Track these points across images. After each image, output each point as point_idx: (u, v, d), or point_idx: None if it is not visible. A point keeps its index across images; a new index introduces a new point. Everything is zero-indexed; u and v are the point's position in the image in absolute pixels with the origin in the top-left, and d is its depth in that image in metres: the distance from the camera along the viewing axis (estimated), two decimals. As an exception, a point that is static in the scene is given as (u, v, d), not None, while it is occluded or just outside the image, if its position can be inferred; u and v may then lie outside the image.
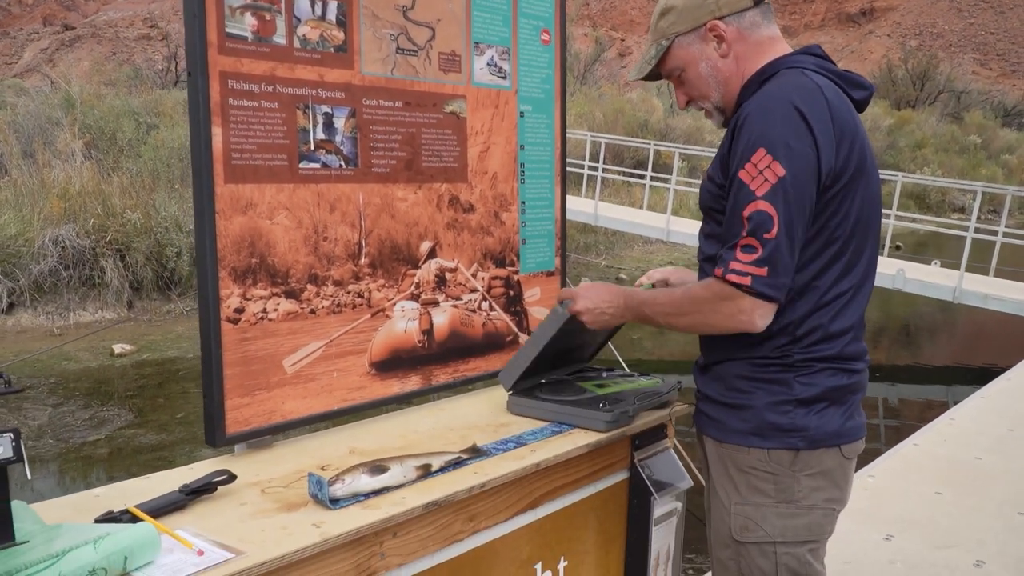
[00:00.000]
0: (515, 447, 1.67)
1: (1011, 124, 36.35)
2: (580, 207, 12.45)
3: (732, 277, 1.39)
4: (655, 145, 14.08)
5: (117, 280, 9.23)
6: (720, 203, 1.49)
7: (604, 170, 13.88)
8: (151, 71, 20.64)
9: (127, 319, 9.18)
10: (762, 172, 1.36)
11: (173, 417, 6.48)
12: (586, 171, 14.09)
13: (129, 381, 7.47)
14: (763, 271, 1.37)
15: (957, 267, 8.82)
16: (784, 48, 1.54)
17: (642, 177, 14.21)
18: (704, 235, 1.60)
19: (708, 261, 1.57)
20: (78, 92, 13.61)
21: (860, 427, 1.55)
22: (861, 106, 1.53)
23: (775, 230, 1.36)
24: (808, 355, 1.47)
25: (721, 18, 1.51)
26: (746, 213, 1.38)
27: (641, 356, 8.25)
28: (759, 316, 1.41)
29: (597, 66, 29.17)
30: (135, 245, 9.39)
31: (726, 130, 1.51)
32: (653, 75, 1.64)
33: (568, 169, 14.77)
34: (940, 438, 4.48)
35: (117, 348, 8.13)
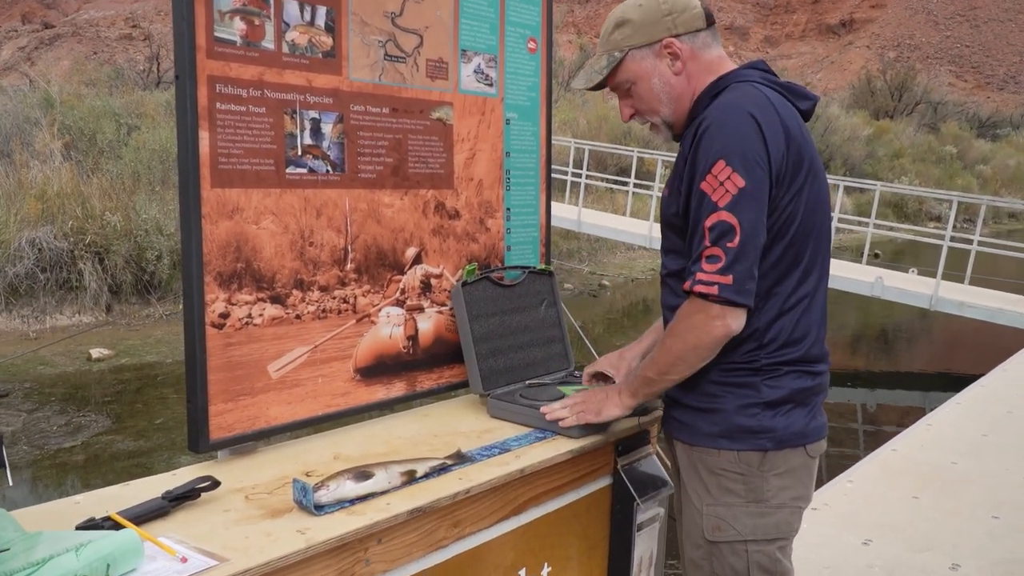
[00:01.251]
0: (499, 453, 1.67)
1: (985, 135, 36.94)
2: (563, 213, 12.49)
3: (699, 288, 1.43)
4: (638, 152, 14.15)
5: (95, 283, 9.13)
6: (682, 219, 1.53)
7: (588, 177, 13.93)
8: (132, 71, 20.40)
9: (105, 323, 9.08)
10: (723, 183, 1.40)
11: (151, 423, 6.42)
12: (569, 177, 14.13)
13: (107, 386, 7.38)
14: (728, 279, 1.41)
15: (934, 275, 8.95)
16: (731, 66, 1.60)
17: (625, 184, 14.27)
18: (665, 251, 1.65)
19: (672, 276, 1.62)
20: (58, 92, 13.46)
21: (823, 427, 1.61)
22: (807, 115, 1.60)
23: (737, 239, 1.40)
24: (774, 359, 1.52)
25: (676, 36, 1.56)
26: (708, 224, 1.42)
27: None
28: (732, 319, 1.44)
29: (581, 73, 29.26)
30: (114, 248, 9.28)
31: (681, 145, 1.56)
32: (599, 85, 1.67)
33: (552, 176, 14.81)
34: (918, 443, 4.54)
35: (95, 352, 8.03)
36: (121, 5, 47.25)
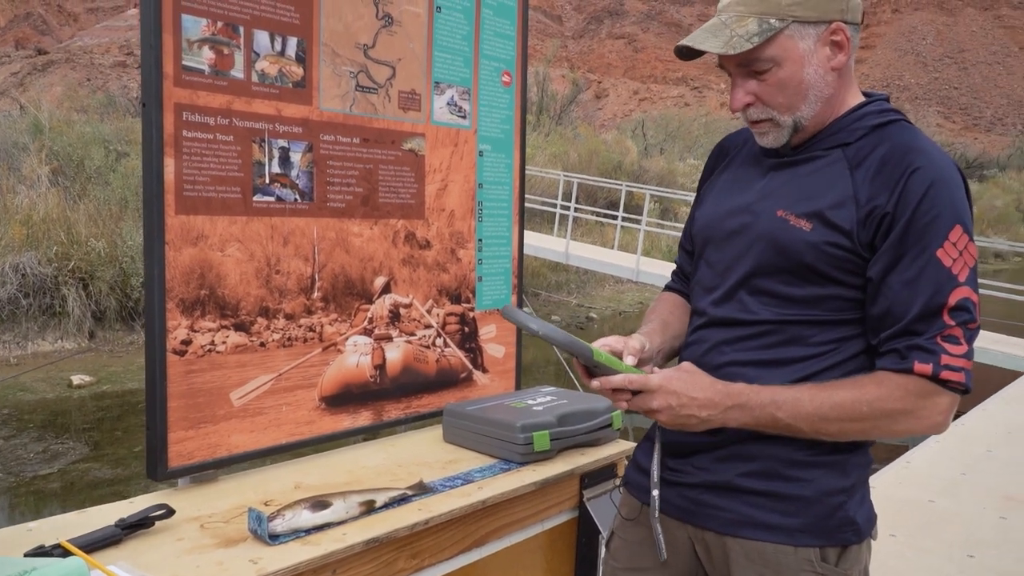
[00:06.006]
0: (462, 484, 1.66)
1: (972, 176, 37.45)
2: (552, 246, 12.53)
3: (947, 375, 1.17)
4: (627, 187, 14.26)
5: (79, 309, 9.07)
6: (838, 264, 1.22)
7: (577, 210, 14.00)
8: (125, 99, 20.44)
9: (88, 349, 9.00)
10: (961, 254, 1.18)
11: (131, 451, 6.34)
12: (558, 210, 14.22)
13: (87, 413, 7.30)
14: (969, 364, 1.19)
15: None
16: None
17: (614, 218, 14.37)
18: (768, 295, 1.28)
19: (763, 326, 1.28)
20: (47, 117, 13.48)
21: None
22: None
23: (977, 321, 1.19)
24: None
25: (846, 23, 1.23)
26: (952, 301, 1.17)
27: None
28: (951, 416, 1.21)
29: (573, 107, 29.61)
30: (99, 274, 9.24)
31: (838, 173, 1.24)
32: (690, 54, 1.27)
33: (541, 208, 14.95)
34: (896, 480, 4.52)
35: (76, 379, 7.96)
36: (116, 33, 47.68)
